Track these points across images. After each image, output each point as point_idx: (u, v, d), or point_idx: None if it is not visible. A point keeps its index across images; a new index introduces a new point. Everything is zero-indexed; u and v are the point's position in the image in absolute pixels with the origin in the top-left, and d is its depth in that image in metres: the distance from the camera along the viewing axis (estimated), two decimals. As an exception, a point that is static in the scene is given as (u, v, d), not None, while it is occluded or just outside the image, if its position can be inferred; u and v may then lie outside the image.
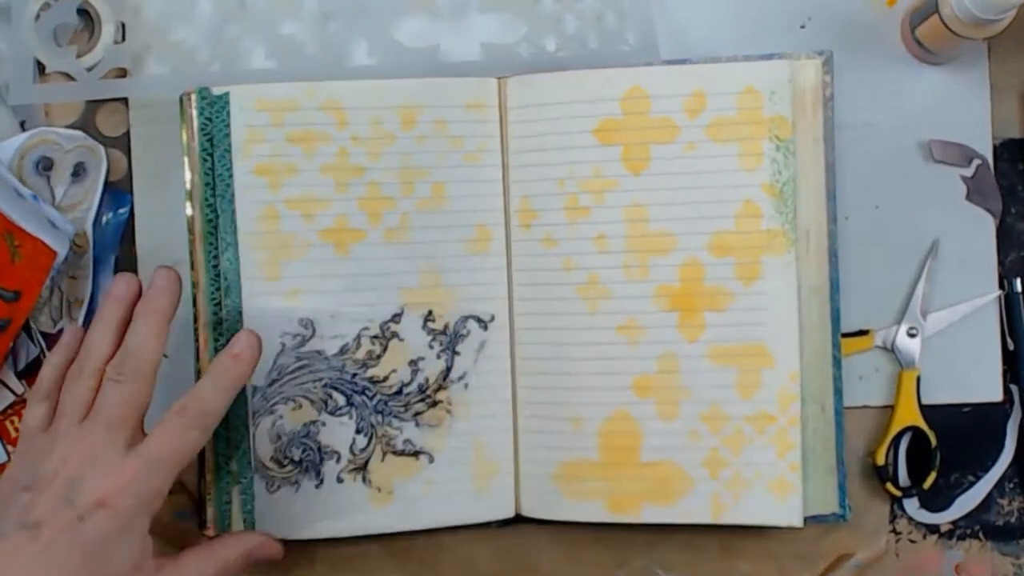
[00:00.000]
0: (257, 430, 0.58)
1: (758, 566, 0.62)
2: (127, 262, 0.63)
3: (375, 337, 0.58)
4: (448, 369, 0.59)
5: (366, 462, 0.59)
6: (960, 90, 0.63)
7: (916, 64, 0.63)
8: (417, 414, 0.59)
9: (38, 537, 0.48)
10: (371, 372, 0.58)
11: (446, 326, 0.59)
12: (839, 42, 0.62)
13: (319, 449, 0.58)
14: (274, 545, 0.56)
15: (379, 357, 0.58)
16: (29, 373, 0.61)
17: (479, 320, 0.59)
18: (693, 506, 0.59)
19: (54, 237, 0.59)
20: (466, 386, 0.60)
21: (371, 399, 0.58)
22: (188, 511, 0.61)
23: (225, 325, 0.59)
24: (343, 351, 0.57)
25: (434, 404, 0.59)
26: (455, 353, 0.59)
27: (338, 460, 0.59)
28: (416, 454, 0.59)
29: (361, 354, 0.58)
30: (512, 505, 0.60)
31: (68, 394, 0.53)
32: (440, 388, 0.59)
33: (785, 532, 0.60)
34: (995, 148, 0.63)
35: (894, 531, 0.62)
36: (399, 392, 0.59)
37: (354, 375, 0.58)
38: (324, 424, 0.58)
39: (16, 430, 0.61)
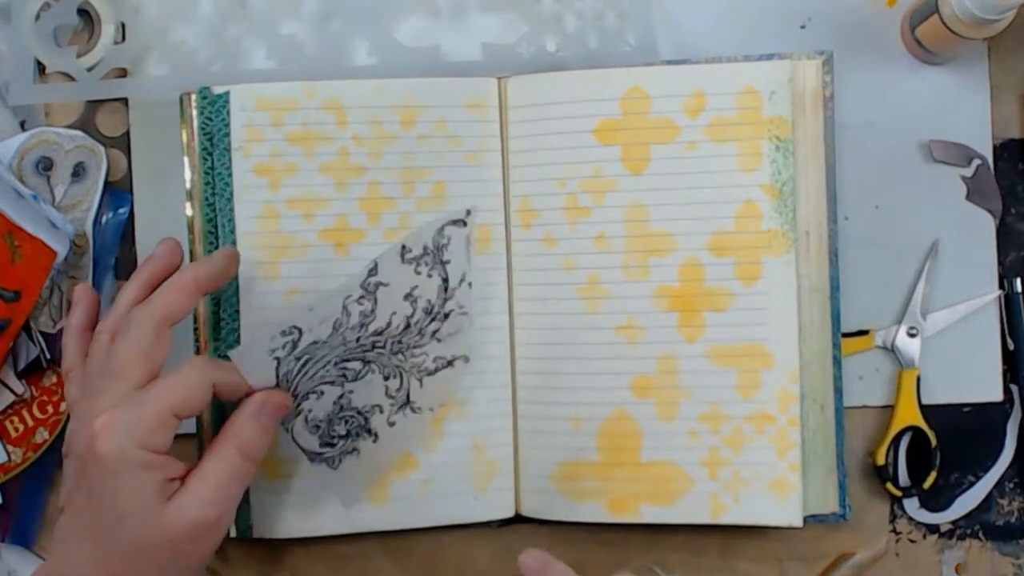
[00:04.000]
0: (294, 431, 0.57)
1: (758, 566, 0.62)
2: (127, 262, 0.63)
3: (361, 298, 0.56)
4: (445, 280, 0.58)
5: (407, 396, 0.58)
6: (960, 90, 0.63)
7: (916, 64, 0.63)
8: (435, 332, 0.58)
9: (70, 500, 0.50)
10: (372, 327, 0.56)
11: (425, 247, 0.57)
12: (839, 42, 0.62)
13: (359, 412, 0.57)
14: (273, 399, 0.53)
15: (373, 311, 0.56)
16: (29, 373, 0.61)
17: (455, 222, 0.57)
18: (692, 506, 0.59)
19: (54, 237, 0.59)
20: (469, 284, 0.58)
21: (384, 348, 0.57)
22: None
23: (224, 325, 0.59)
24: (336, 327, 0.55)
25: (446, 316, 0.58)
26: (444, 263, 0.57)
27: (381, 411, 0.58)
28: (450, 363, 0.58)
29: (355, 320, 0.56)
30: (512, 505, 0.60)
31: (91, 353, 0.53)
32: (445, 300, 0.58)
33: (785, 532, 0.60)
34: (995, 148, 0.63)
35: (894, 531, 0.62)
36: (407, 327, 0.57)
37: (358, 339, 0.56)
38: (352, 392, 0.57)
39: (16, 430, 0.61)
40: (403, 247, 0.56)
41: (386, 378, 0.57)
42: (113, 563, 0.48)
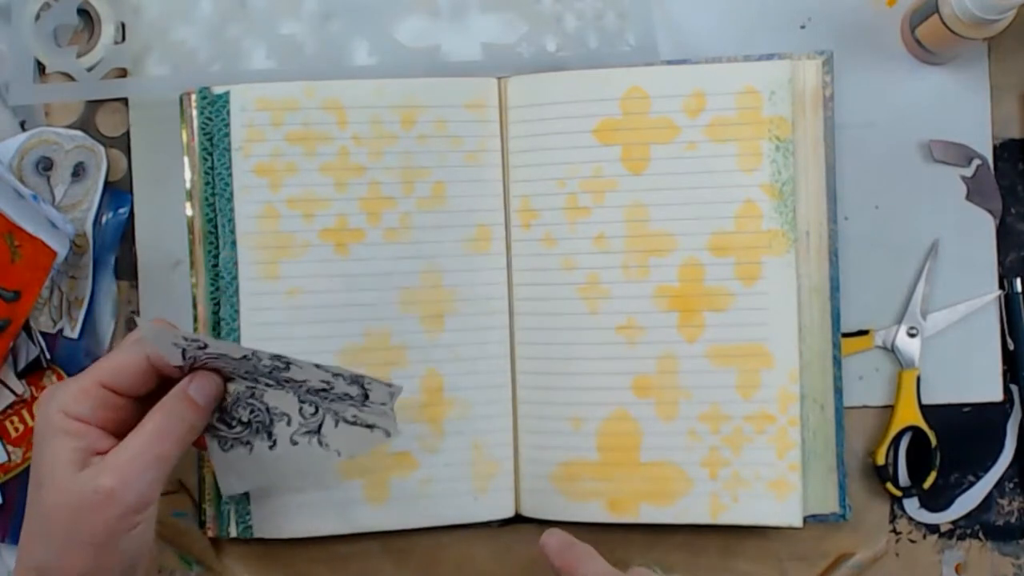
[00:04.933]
0: None
1: (758, 566, 0.62)
2: (127, 262, 0.63)
3: (273, 357, 0.50)
4: (366, 394, 0.54)
5: (319, 426, 0.55)
6: (960, 90, 0.63)
7: (916, 64, 0.63)
8: (353, 404, 0.55)
9: None
10: (285, 375, 0.52)
11: (337, 375, 0.52)
12: (839, 42, 0.62)
13: (267, 410, 0.54)
14: (200, 377, 0.51)
15: (285, 370, 0.51)
16: (29, 373, 0.61)
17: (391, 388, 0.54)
18: (692, 506, 0.59)
19: (54, 237, 0.59)
20: (392, 395, 0.55)
21: (299, 387, 0.54)
22: (188, 511, 0.61)
23: (224, 325, 0.59)
24: (246, 357, 0.50)
25: (366, 398, 0.55)
26: (364, 388, 0.54)
27: (289, 423, 0.55)
28: (369, 427, 0.56)
29: (264, 365, 0.51)
30: (512, 505, 0.60)
31: None
32: (365, 402, 0.55)
33: (785, 532, 0.60)
34: (995, 148, 0.63)
35: (894, 531, 0.62)
36: (324, 390, 0.54)
37: (270, 372, 0.52)
38: (265, 390, 0.54)
39: (16, 430, 0.61)
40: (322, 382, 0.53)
41: (301, 401, 0.55)
42: (32, 531, 0.48)
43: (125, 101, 0.63)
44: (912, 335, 0.62)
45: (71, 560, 0.47)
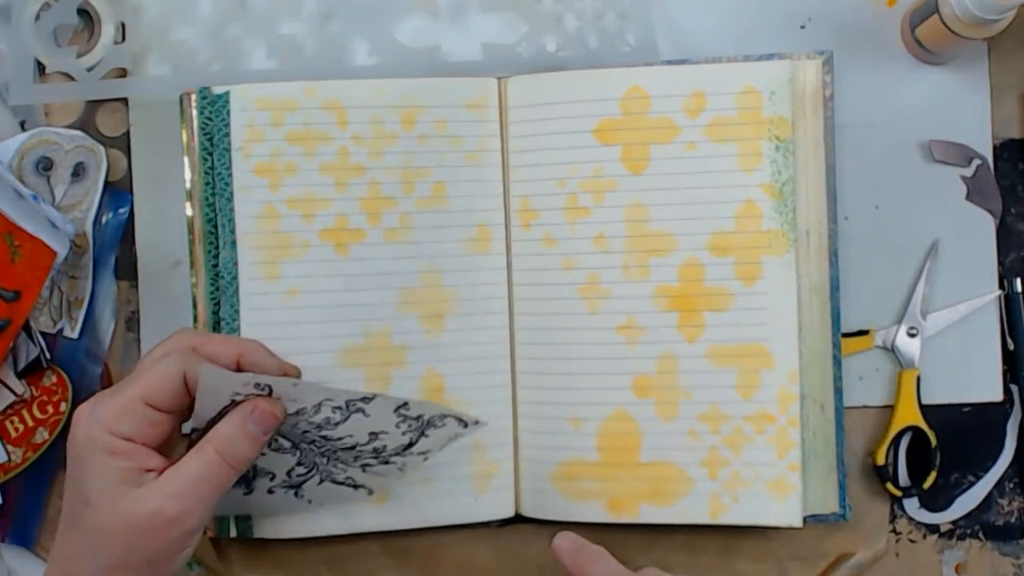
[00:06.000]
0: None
1: (758, 566, 0.62)
2: (127, 262, 0.63)
3: (337, 408, 0.52)
4: (411, 444, 0.56)
5: (301, 483, 0.57)
6: (960, 90, 0.63)
7: (916, 64, 0.63)
8: (366, 465, 0.57)
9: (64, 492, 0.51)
10: (325, 433, 0.53)
11: (419, 416, 0.54)
12: (839, 42, 0.62)
13: (253, 468, 0.55)
14: (261, 405, 0.50)
15: (337, 424, 0.53)
16: (29, 373, 0.61)
17: (460, 421, 0.55)
18: (692, 506, 0.59)
19: (54, 237, 0.59)
20: (424, 459, 0.57)
21: (319, 448, 0.55)
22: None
23: (225, 325, 0.59)
24: (299, 413, 0.52)
25: (386, 463, 0.57)
26: (423, 435, 0.55)
27: (272, 479, 0.56)
28: (355, 487, 0.58)
29: (318, 419, 0.52)
30: (512, 505, 0.60)
31: None
32: (397, 455, 0.56)
33: (785, 532, 0.60)
34: (995, 148, 0.63)
35: (894, 531, 0.62)
36: (352, 448, 0.55)
37: (306, 431, 0.53)
38: (264, 455, 0.54)
39: (16, 430, 0.61)
40: (405, 404, 0.53)
41: (298, 463, 0.56)
42: (75, 548, 0.48)
43: (125, 101, 0.63)
44: (912, 335, 0.62)
45: None
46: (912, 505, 0.62)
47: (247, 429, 0.50)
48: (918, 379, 0.61)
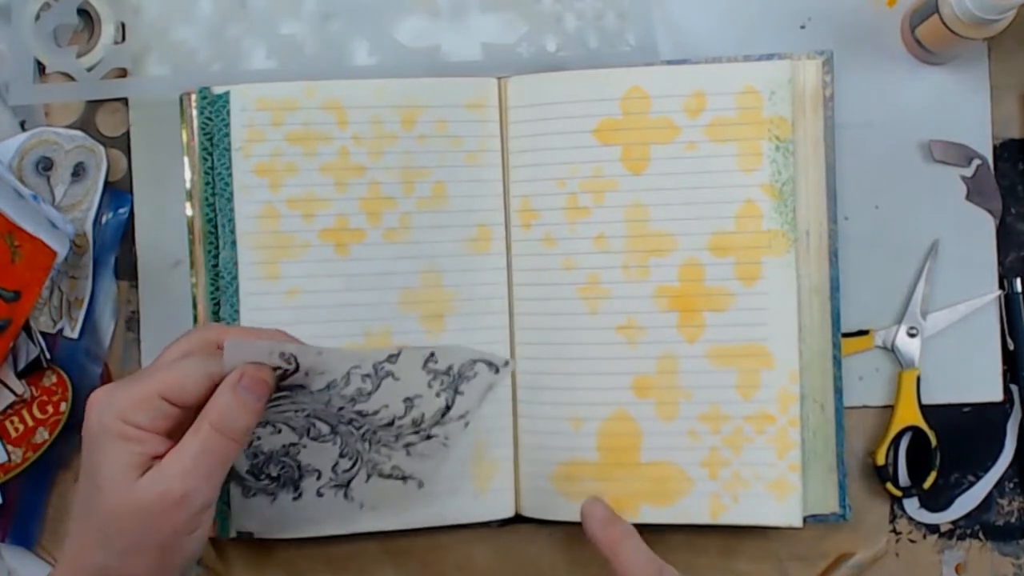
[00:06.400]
0: None
1: (758, 566, 0.62)
2: (127, 262, 0.63)
3: (366, 375, 0.52)
4: (448, 407, 0.55)
5: (349, 481, 0.57)
6: (960, 90, 0.63)
7: (916, 64, 0.63)
8: (408, 444, 0.57)
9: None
10: (359, 407, 0.53)
11: (449, 368, 0.53)
12: (839, 42, 0.62)
13: (299, 467, 0.56)
14: (249, 371, 0.49)
15: (370, 394, 0.52)
16: (29, 373, 0.61)
17: (490, 365, 0.54)
18: (692, 506, 0.59)
19: (54, 237, 0.59)
20: (466, 424, 0.56)
21: (358, 429, 0.55)
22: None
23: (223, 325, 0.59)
24: (329, 387, 0.51)
25: (428, 437, 0.56)
26: (457, 393, 0.54)
27: (319, 477, 0.57)
28: (404, 479, 0.58)
29: (349, 391, 0.52)
30: (512, 505, 0.60)
31: None
32: (437, 424, 0.55)
33: (785, 532, 0.60)
34: (995, 148, 0.63)
35: (894, 531, 0.62)
36: (390, 424, 0.55)
37: (340, 408, 0.53)
38: (305, 447, 0.56)
39: (16, 430, 0.61)
40: (431, 354, 0.52)
41: (341, 455, 0.56)
42: (89, 534, 0.48)
43: (125, 101, 0.63)
44: (912, 335, 0.62)
45: (135, 563, 0.47)
46: (912, 505, 0.62)
47: (239, 398, 0.49)
48: (918, 379, 0.61)
